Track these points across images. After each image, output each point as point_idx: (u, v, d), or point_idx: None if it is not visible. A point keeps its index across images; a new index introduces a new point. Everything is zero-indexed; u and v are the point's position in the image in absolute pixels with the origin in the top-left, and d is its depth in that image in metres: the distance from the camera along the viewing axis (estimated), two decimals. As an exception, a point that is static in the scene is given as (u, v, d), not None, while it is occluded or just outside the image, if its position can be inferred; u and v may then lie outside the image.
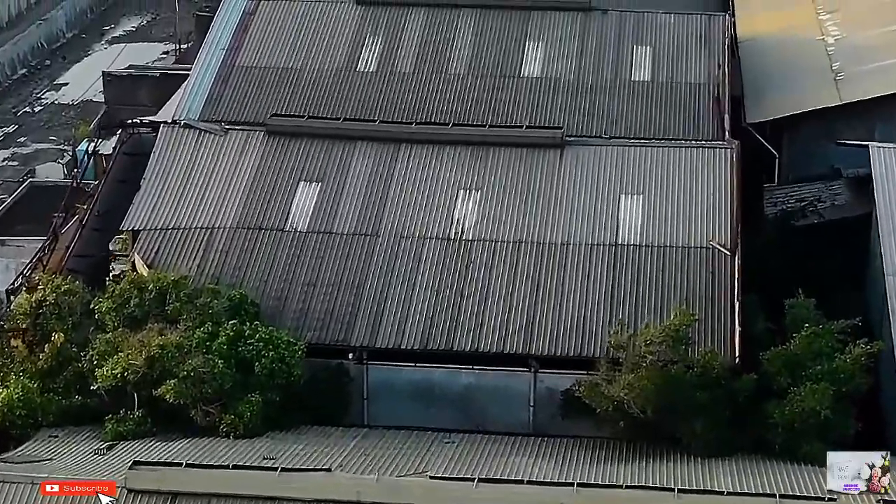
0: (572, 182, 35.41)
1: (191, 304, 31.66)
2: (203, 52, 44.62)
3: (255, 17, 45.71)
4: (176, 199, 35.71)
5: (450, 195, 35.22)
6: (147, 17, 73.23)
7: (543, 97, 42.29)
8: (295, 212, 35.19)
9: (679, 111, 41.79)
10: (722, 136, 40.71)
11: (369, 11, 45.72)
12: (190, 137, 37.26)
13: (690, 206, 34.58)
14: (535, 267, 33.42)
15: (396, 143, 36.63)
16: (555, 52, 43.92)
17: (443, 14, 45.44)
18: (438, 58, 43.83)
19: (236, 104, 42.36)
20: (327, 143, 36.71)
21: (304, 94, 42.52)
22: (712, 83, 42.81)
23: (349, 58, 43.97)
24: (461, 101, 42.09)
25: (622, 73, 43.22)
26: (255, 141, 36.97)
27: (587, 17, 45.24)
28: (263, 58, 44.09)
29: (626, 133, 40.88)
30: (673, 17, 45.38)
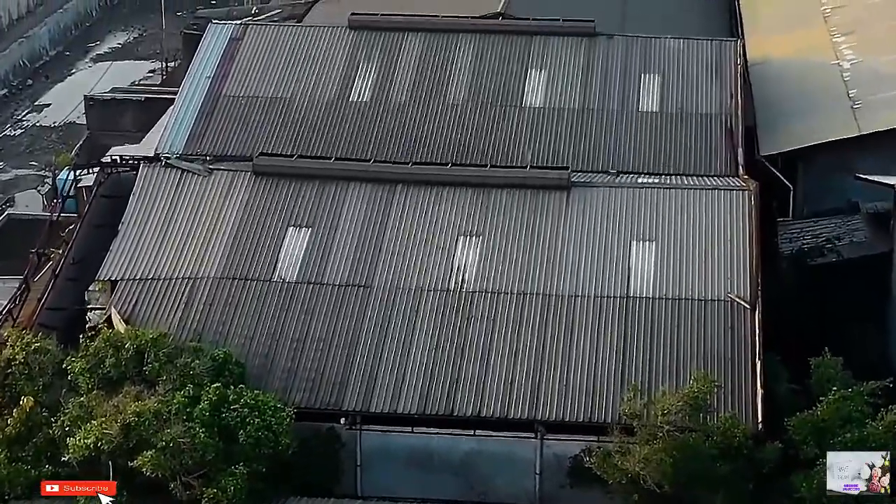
0: (579, 227, 33.10)
1: (171, 365, 29.37)
2: (187, 81, 42.35)
3: (242, 44, 43.46)
4: (156, 247, 33.39)
5: (449, 242, 32.93)
6: (133, 34, 70.92)
7: (546, 129, 40.10)
8: (283, 260, 32.88)
9: (690, 144, 39.61)
10: (736, 171, 38.57)
11: (363, 36, 43.49)
12: (171, 178, 34.95)
13: (706, 254, 32.29)
14: (540, 322, 31.13)
15: (392, 185, 34.33)
16: (558, 81, 41.70)
17: (440, 39, 43.22)
18: (436, 86, 41.61)
19: (222, 137, 40.14)
20: (318, 185, 34.39)
21: (293, 127, 40.32)
22: (724, 113, 40.63)
23: (342, 86, 41.75)
24: (460, 134, 39.89)
25: (629, 103, 41.02)
26: (241, 182, 34.65)
27: (592, 43, 43.01)
28: (251, 87, 41.85)
29: (634, 167, 38.75)
30: (682, 43, 43.16)
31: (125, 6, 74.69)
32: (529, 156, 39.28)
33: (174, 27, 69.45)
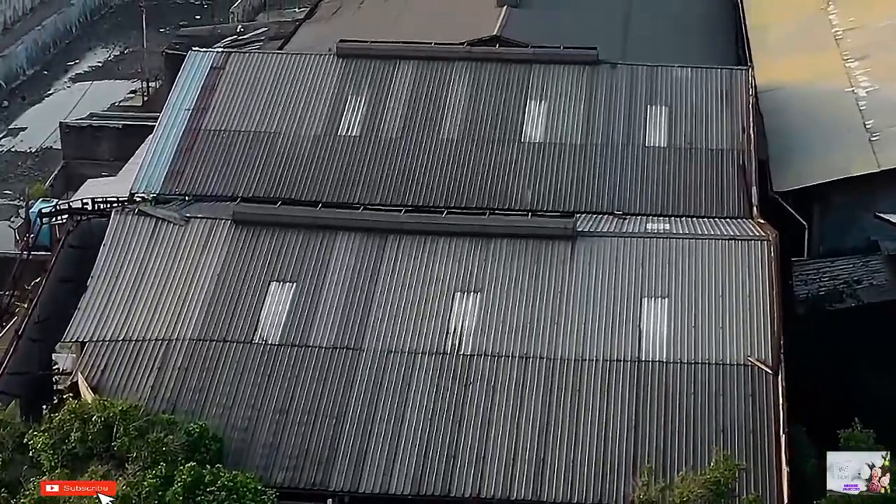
0: (586, 282, 30.59)
1: (142, 440, 26.90)
2: (166, 114, 39.82)
3: (223, 73, 40.94)
4: (128, 304, 30.86)
5: (445, 299, 30.41)
6: (115, 51, 68.28)
7: (547, 166, 37.61)
8: (265, 320, 30.34)
9: (700, 183, 37.15)
10: (749, 212, 36.15)
11: (352, 65, 40.98)
12: (145, 227, 32.43)
13: (723, 312, 29.82)
14: (545, 389, 28.63)
15: (382, 235, 31.83)
16: (559, 113, 39.22)
17: (434, 68, 40.73)
18: (429, 119, 39.11)
19: (202, 175, 37.67)
20: (303, 235, 31.88)
21: (278, 165, 37.81)
22: (736, 148, 38.19)
23: (330, 120, 39.25)
24: (455, 172, 37.40)
25: (635, 137, 38.55)
26: (219, 232, 32.10)
27: (595, 72, 40.52)
28: (233, 120, 39.35)
29: (641, 208, 36.29)
30: (690, 72, 40.69)
31: (106, 22, 72.11)
32: (529, 196, 36.83)
33: (156, 44, 66.81)
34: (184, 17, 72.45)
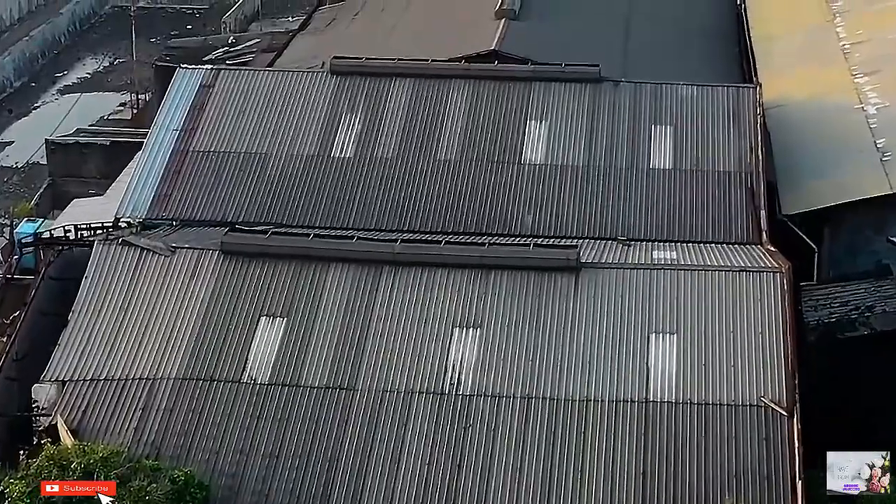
0: (590, 317, 29.14)
1: (124, 489, 25.45)
2: (153, 134, 38.45)
3: (213, 91, 39.55)
4: (111, 340, 29.40)
5: (443, 335, 28.97)
6: (104, 62, 66.82)
7: (548, 189, 36.29)
8: (254, 357, 28.88)
9: (707, 207, 35.83)
10: (758, 238, 34.86)
11: (346, 83, 39.62)
12: (129, 258, 30.96)
13: (735, 349, 28.39)
14: (548, 432, 27.16)
15: (377, 266, 30.38)
16: (561, 133, 37.86)
17: (431, 86, 39.35)
18: (426, 140, 37.76)
19: (190, 199, 36.35)
20: (294, 266, 30.43)
21: (269, 188, 36.48)
22: (744, 170, 36.86)
23: (323, 140, 37.90)
24: (452, 196, 36.10)
25: (639, 159, 37.19)
26: (207, 263, 30.66)
27: (597, 91, 39.17)
28: (223, 141, 37.99)
29: (645, 234, 35.02)
30: (695, 90, 39.33)
31: (96, 31, 70.67)
32: (530, 221, 35.53)
33: (147, 54, 65.51)
34: (175, 27, 71.09)
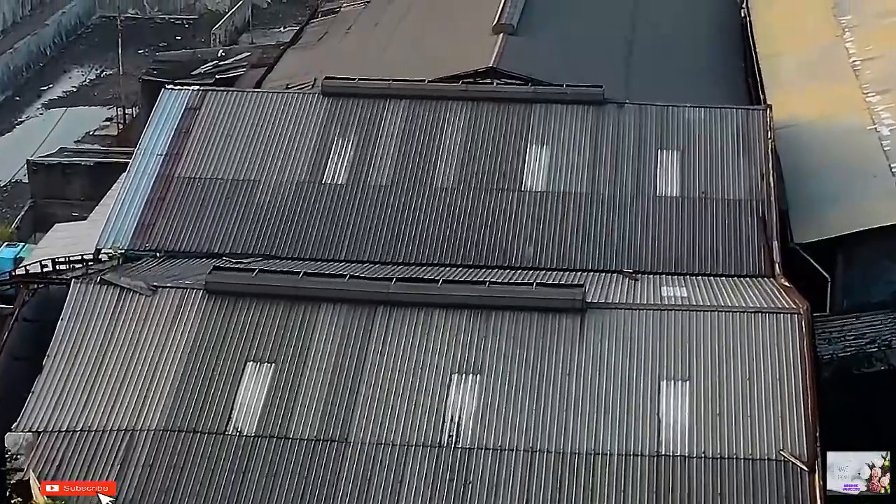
0: (597, 363, 27.41)
1: (100, 551, 23.85)
2: (137, 159, 36.76)
3: (199, 114, 37.86)
4: (88, 388, 27.61)
5: (441, 382, 27.25)
6: (90, 75, 65.02)
7: (550, 219, 34.63)
8: (240, 407, 27.12)
9: (716, 237, 34.18)
10: (771, 271, 33.22)
11: (338, 105, 37.94)
12: (108, 298, 29.22)
13: (752, 398, 26.67)
14: (553, 488, 25.42)
15: (371, 307, 28.65)
16: (563, 159, 36.19)
17: (427, 108, 37.68)
18: (422, 166, 36.10)
19: (175, 229, 34.72)
20: (283, 307, 28.69)
21: (257, 217, 34.85)
22: (755, 198, 35.21)
23: (314, 166, 36.25)
24: (449, 225, 34.46)
25: (645, 186, 35.53)
26: (191, 303, 28.93)
27: (600, 113, 37.49)
28: (209, 167, 36.32)
29: (653, 266, 33.43)
30: (703, 113, 37.65)
31: (83, 42, 68.90)
32: (531, 252, 33.89)
33: (135, 66, 63.76)
34: (163, 38, 69.34)
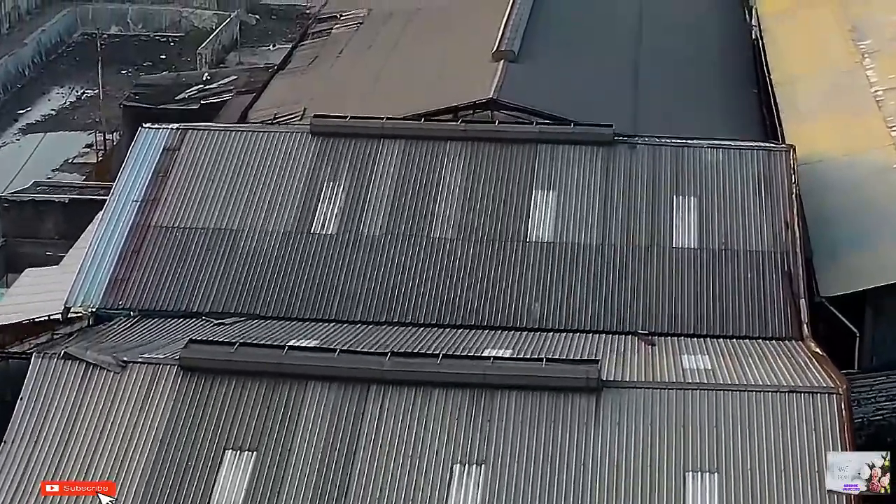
0: (615, 451, 24.57)
1: None
2: (110, 206, 34.06)
3: (179, 156, 35.16)
4: (49, 476, 24.77)
5: (441, 474, 24.42)
6: (71, 97, 62.25)
7: (558, 274, 31.97)
8: (218, 501, 24.36)
9: (738, 294, 31.50)
10: (798, 333, 30.53)
11: (328, 145, 35.26)
12: (73, 375, 26.41)
13: (788, 491, 23.94)
14: None
15: (363, 385, 25.89)
16: (571, 206, 33.51)
17: (424, 149, 35.01)
18: (419, 214, 33.44)
19: (150, 285, 32.04)
20: (266, 386, 25.90)
21: (239, 271, 32.18)
22: (780, 250, 32.51)
23: (302, 214, 33.58)
24: (448, 281, 31.82)
25: (661, 236, 32.83)
26: (164, 381, 26.13)
27: (611, 154, 34.80)
28: (188, 214, 33.63)
29: (669, 327, 30.81)
30: (721, 154, 34.96)
31: (63, 62, 66.12)
32: (538, 311, 31.22)
33: (117, 87, 61.17)
34: (148, 57, 66.63)
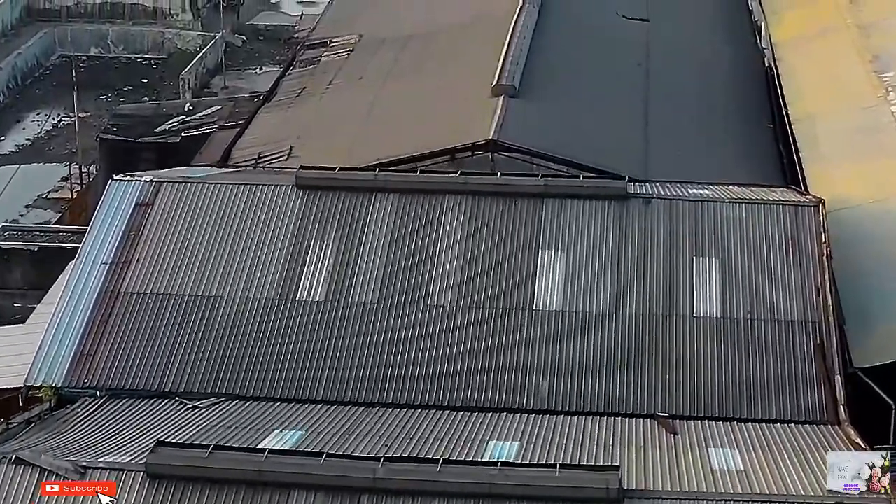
0: (639, 576, 21.79)
1: None
2: (77, 270, 31.16)
3: (152, 212, 32.25)
4: None
5: None
6: (47, 125, 59.14)
7: (568, 348, 29.10)
8: None
9: (766, 370, 28.67)
10: (834, 416, 27.74)
11: (315, 200, 32.39)
12: (27, 483, 23.46)
13: None
14: None
15: (353, 496, 22.94)
16: (582, 269, 30.63)
17: (420, 204, 32.18)
18: (415, 279, 30.59)
19: (119, 361, 29.23)
20: (245, 495, 22.96)
21: (217, 344, 29.38)
22: (811, 319, 29.62)
23: (286, 278, 30.71)
24: (447, 356, 29.03)
25: (680, 304, 29.96)
26: (130, 489, 23.20)
27: (624, 210, 31.92)
28: (161, 279, 30.74)
29: (692, 410, 28.05)
30: (744, 210, 32.05)
31: (39, 86, 62.95)
32: (546, 391, 28.37)
33: (97, 113, 58.20)
34: (129, 81, 63.46)
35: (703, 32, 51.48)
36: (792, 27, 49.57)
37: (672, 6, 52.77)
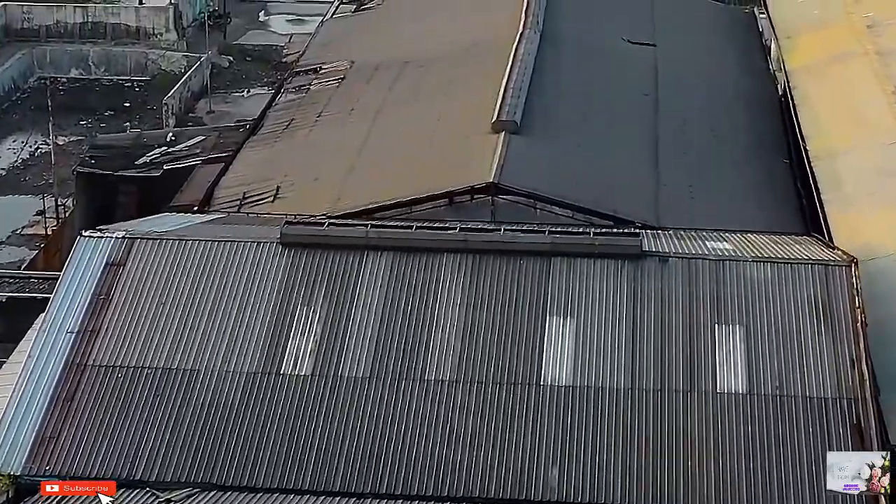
0: None
1: None
2: (41, 340, 28.38)
3: (123, 272, 29.53)
4: None
5: None
6: (23, 153, 56.40)
7: (578, 428, 26.42)
8: None
9: (798, 453, 25.92)
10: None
11: (302, 260, 29.63)
12: None
13: None
14: None
15: None
16: (593, 338, 27.90)
17: (417, 264, 29.43)
18: (410, 349, 27.85)
19: (84, 445, 26.48)
20: None
21: (193, 426, 26.67)
22: (845, 395, 26.92)
23: (270, 349, 28.03)
24: (446, 439, 26.31)
25: (702, 378, 27.25)
26: None
27: (638, 271, 29.18)
28: (133, 350, 28.04)
29: (717, 499, 25.19)
30: (769, 271, 29.27)
31: (16, 111, 60.21)
32: (556, 478, 25.70)
33: (75, 142, 55.46)
34: (111, 104, 60.80)
35: (714, 56, 49.03)
36: (806, 52, 46.88)
37: (679, 29, 50.32)
